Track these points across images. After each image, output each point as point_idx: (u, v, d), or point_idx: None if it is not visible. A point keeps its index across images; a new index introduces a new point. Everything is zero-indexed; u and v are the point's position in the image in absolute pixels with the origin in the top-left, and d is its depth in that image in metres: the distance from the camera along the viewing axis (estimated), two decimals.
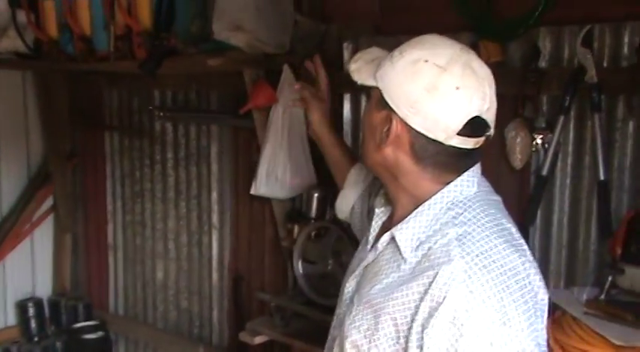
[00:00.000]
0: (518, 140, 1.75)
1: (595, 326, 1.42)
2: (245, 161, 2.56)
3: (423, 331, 1.02)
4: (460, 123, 1.06)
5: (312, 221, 2.11)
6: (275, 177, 2.14)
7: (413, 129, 1.08)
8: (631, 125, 1.64)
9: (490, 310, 0.99)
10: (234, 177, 2.63)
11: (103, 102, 3.12)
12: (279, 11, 2.10)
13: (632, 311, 1.44)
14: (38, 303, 3.29)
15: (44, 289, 3.42)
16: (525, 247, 1.10)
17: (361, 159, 1.25)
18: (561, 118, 1.70)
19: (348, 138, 2.19)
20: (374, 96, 1.14)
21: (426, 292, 1.02)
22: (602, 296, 1.50)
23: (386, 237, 1.16)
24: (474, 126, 1.07)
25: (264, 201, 2.40)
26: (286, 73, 2.13)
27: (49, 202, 3.38)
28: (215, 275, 2.75)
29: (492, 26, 1.82)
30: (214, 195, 2.70)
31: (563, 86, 1.69)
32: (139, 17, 2.30)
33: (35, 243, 3.39)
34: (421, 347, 1.02)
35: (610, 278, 1.51)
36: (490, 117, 1.10)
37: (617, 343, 1.37)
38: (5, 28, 2.90)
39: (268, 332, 2.22)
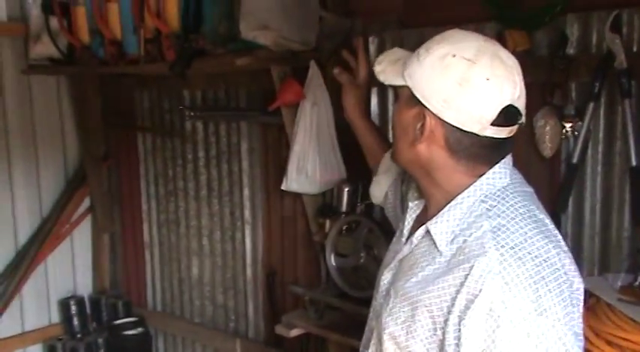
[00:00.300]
0: (548, 128, 1.74)
1: (629, 312, 1.42)
2: (275, 157, 2.59)
3: (460, 322, 1.04)
4: (493, 113, 1.07)
5: (343, 215, 2.14)
6: (305, 173, 2.17)
7: (447, 123, 1.10)
8: None
9: (526, 301, 1.00)
10: (265, 174, 2.66)
11: (134, 104, 3.18)
12: (305, 8, 2.12)
13: None
14: (80, 301, 3.38)
15: (85, 287, 3.51)
16: (560, 237, 1.12)
17: (393, 157, 1.26)
18: (591, 105, 1.69)
19: None
20: (403, 95, 1.16)
21: (462, 285, 1.04)
22: (637, 283, 1.50)
23: (421, 230, 1.18)
24: (507, 115, 1.09)
25: (295, 196, 2.43)
26: (313, 69, 2.15)
27: (86, 203, 3.46)
28: (249, 271, 2.79)
29: (518, 15, 1.81)
30: (246, 191, 2.73)
31: (592, 72, 1.68)
32: (167, 20, 2.34)
33: (74, 242, 3.47)
34: (459, 339, 1.04)
35: None
36: (521, 105, 1.11)
37: None
38: (39, 35, 2.99)
39: (304, 325, 2.25)
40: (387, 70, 1.20)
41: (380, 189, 1.60)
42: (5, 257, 3.23)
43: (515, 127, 1.12)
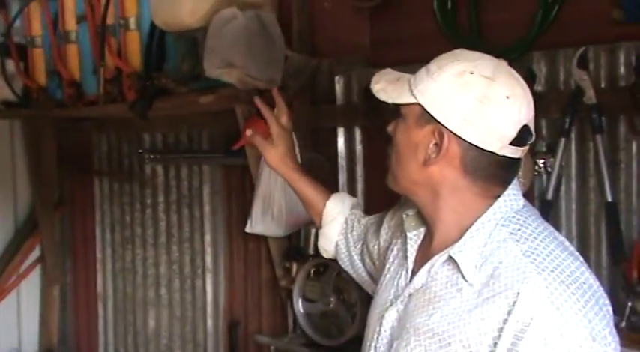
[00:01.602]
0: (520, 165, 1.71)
1: None
2: (238, 200, 2.52)
3: None
4: (513, 132, 1.05)
5: (311, 258, 2.06)
6: (271, 214, 2.09)
7: (464, 141, 1.06)
8: (634, 145, 1.61)
9: (579, 327, 0.96)
10: (228, 218, 2.58)
11: (92, 147, 3.10)
12: (270, 47, 2.09)
13: None
14: None
15: (31, 344, 3.31)
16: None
17: (391, 182, 1.19)
18: (562, 141, 1.68)
19: (343, 173, 2.16)
20: (411, 114, 1.11)
21: (509, 313, 0.98)
22: (623, 324, 1.44)
23: (439, 260, 1.10)
24: (523, 135, 1.06)
25: (259, 240, 2.35)
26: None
27: (36, 253, 3.30)
28: (210, 321, 2.66)
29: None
30: (207, 237, 2.64)
31: (562, 108, 1.67)
32: (129, 59, 2.30)
33: (22, 295, 3.29)
34: None
35: (630, 305, 1.45)
36: (532, 125, 1.09)
37: None
38: None
39: None
40: (387, 88, 1.15)
41: (329, 241, 1.52)
42: None
43: (526, 148, 1.10)
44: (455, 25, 1.90)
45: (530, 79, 1.74)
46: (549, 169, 1.71)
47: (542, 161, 1.72)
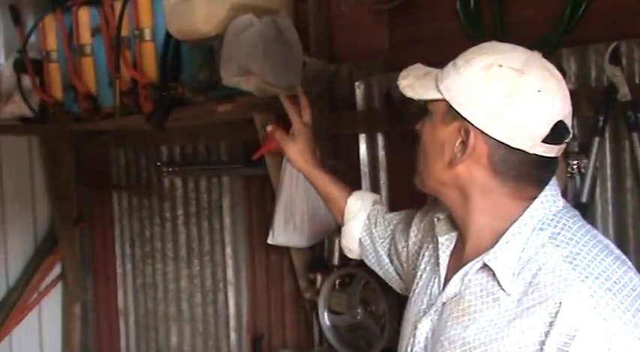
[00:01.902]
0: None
1: None
2: (259, 211, 2.47)
3: None
4: (545, 128, 0.98)
5: (336, 268, 1.99)
6: (293, 224, 2.04)
7: (492, 139, 0.99)
8: None
9: (629, 338, 0.89)
10: (249, 229, 2.53)
11: (109, 162, 3.08)
12: (288, 53, 2.05)
13: None
14: None
15: None
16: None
17: (420, 182, 1.14)
18: (596, 140, 1.60)
19: (366, 180, 2.10)
20: (437, 111, 1.06)
21: (551, 325, 0.92)
22: None
23: (473, 268, 1.04)
24: (557, 132, 0.99)
25: (282, 252, 2.29)
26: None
27: (56, 270, 3.28)
28: (233, 335, 2.61)
29: None
30: (228, 249, 2.60)
31: (594, 107, 1.60)
32: (144, 70, 2.28)
33: (43, 313, 3.27)
34: None
35: None
36: (569, 122, 1.02)
37: None
38: (10, 94, 2.90)
39: None
40: (414, 84, 1.09)
41: (352, 238, 1.48)
42: None
43: (563, 147, 1.03)
44: (478, 25, 1.84)
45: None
46: (583, 170, 1.63)
47: (575, 162, 1.65)
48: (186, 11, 1.96)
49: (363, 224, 1.45)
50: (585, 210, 1.63)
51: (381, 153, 2.08)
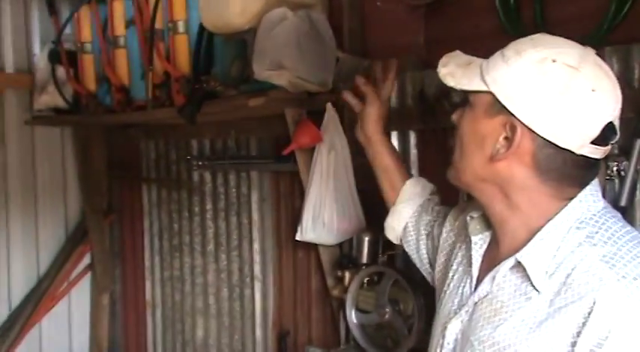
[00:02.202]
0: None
1: None
2: (288, 207, 2.45)
3: None
4: (596, 129, 0.95)
5: (364, 266, 1.97)
6: (322, 221, 2.02)
7: (539, 136, 0.96)
8: None
9: None
10: (277, 225, 2.52)
11: (140, 154, 3.08)
12: (321, 48, 2.03)
13: None
14: None
15: (81, 351, 3.30)
16: None
17: (454, 176, 1.11)
18: (637, 142, 1.55)
19: None
20: (480, 103, 1.02)
21: (583, 326, 0.89)
22: None
23: (505, 266, 1.01)
24: (606, 134, 0.96)
25: (310, 248, 2.27)
26: (330, 112, 2.04)
27: (85, 260, 3.31)
28: (259, 331, 2.60)
29: None
30: (256, 245, 2.58)
31: (637, 108, 1.55)
32: (177, 63, 2.28)
33: (72, 303, 3.30)
34: None
35: None
36: (618, 123, 0.99)
37: None
38: (45, 85, 2.94)
39: None
40: (456, 73, 1.06)
41: (400, 220, 1.44)
42: None
43: (609, 148, 1.00)
44: (518, 22, 1.80)
45: None
46: (623, 173, 1.58)
47: (615, 164, 1.60)
48: (220, 4, 1.96)
49: (415, 209, 1.43)
50: (624, 214, 1.57)
51: (414, 151, 2.05)
